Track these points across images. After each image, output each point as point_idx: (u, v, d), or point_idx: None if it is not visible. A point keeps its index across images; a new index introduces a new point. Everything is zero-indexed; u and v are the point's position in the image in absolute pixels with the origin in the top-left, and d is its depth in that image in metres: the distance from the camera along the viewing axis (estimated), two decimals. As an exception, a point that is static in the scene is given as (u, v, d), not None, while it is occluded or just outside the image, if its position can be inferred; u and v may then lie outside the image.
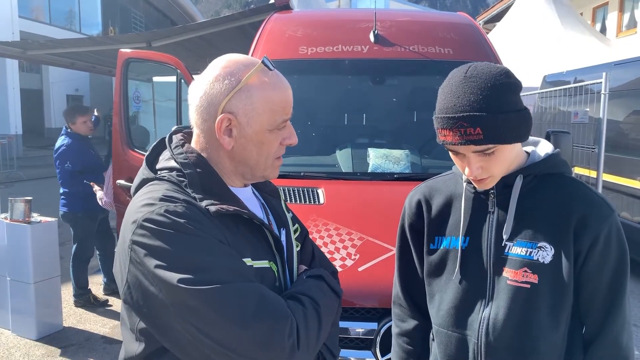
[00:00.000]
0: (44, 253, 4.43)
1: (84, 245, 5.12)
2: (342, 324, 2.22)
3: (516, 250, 1.32)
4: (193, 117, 1.18)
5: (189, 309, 0.98)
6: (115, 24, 25.32)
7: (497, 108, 1.22)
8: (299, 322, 1.07)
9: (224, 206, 1.10)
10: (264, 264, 1.16)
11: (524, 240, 1.32)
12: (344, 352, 2.22)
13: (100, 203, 4.75)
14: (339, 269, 2.29)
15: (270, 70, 1.16)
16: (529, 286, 1.29)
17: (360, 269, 2.31)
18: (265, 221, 1.23)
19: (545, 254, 1.29)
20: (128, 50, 4.30)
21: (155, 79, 4.75)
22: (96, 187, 4.80)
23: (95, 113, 5.65)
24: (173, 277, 0.98)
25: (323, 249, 2.40)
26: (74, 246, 5.13)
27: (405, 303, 1.62)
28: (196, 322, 0.98)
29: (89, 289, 5.24)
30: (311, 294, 1.17)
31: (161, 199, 1.07)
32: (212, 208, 1.09)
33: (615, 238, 1.30)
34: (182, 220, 1.03)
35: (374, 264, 2.33)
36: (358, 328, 2.23)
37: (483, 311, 1.35)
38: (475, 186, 1.39)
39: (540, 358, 1.30)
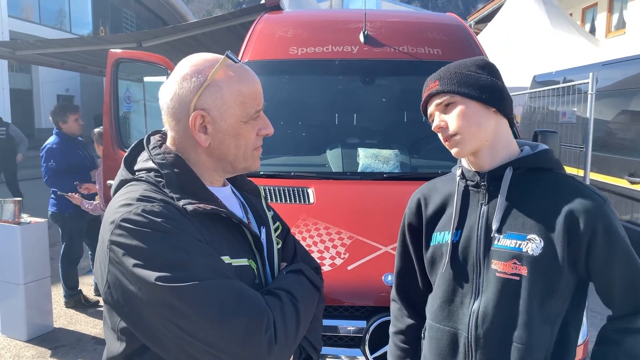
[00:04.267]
0: (33, 254, 4.41)
1: (72, 246, 5.10)
2: (332, 322, 2.24)
3: (505, 242, 1.33)
4: (166, 120, 1.20)
5: (168, 307, 1.00)
6: (106, 23, 25.17)
7: (461, 68, 1.38)
8: (275, 317, 1.08)
9: (202, 205, 1.11)
10: (242, 262, 1.18)
11: (513, 232, 1.32)
12: (333, 350, 2.24)
13: (86, 208, 4.70)
14: (329, 268, 2.32)
15: (236, 63, 1.18)
16: (517, 278, 1.30)
17: (349, 268, 2.33)
18: (245, 220, 1.24)
19: (535, 246, 1.29)
20: (118, 51, 4.28)
21: (146, 79, 4.74)
22: (75, 198, 4.74)
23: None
24: (151, 275, 1.00)
25: (313, 248, 2.42)
26: (62, 246, 5.11)
27: (400, 302, 1.65)
28: (175, 319, 1.00)
29: (80, 289, 5.22)
30: (289, 288, 1.19)
31: (138, 199, 1.08)
32: (190, 207, 1.10)
33: (613, 227, 1.31)
34: (159, 220, 1.05)
35: (363, 262, 2.35)
36: (347, 326, 2.24)
37: (473, 304, 1.35)
38: (450, 151, 1.42)
39: (529, 351, 1.31)
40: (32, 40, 9.94)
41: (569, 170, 6.29)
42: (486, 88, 1.35)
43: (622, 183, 5.90)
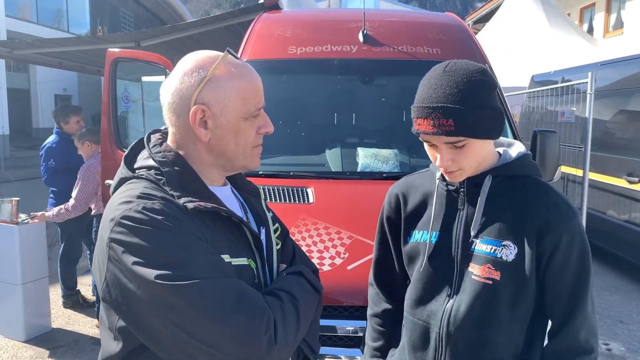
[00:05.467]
0: (31, 254, 4.40)
1: (71, 245, 5.08)
2: (331, 322, 2.24)
3: (482, 247, 1.37)
4: (167, 116, 1.19)
5: (167, 305, 0.99)
6: (103, 23, 25.07)
7: (471, 103, 1.29)
8: (276, 317, 1.08)
9: (202, 203, 1.11)
10: (242, 261, 1.17)
11: (489, 238, 1.37)
12: (333, 350, 2.23)
13: (52, 220, 4.56)
14: (328, 268, 2.32)
15: (237, 60, 1.18)
16: (491, 282, 1.34)
17: (349, 267, 2.33)
18: (244, 219, 1.24)
19: (509, 252, 1.34)
20: (116, 50, 4.27)
21: (144, 78, 4.73)
22: (37, 217, 4.48)
23: None
24: (151, 273, 0.99)
25: (312, 248, 2.41)
26: (61, 246, 5.10)
27: (377, 287, 1.71)
28: (174, 318, 0.99)
29: (78, 289, 5.21)
30: (289, 290, 1.19)
31: (139, 197, 1.07)
32: (190, 205, 1.09)
33: (577, 240, 1.34)
34: (159, 217, 1.04)
35: (362, 262, 2.35)
36: (347, 326, 2.24)
37: (447, 303, 1.40)
38: (446, 177, 1.44)
39: (497, 350, 1.36)
40: (29, 40, 9.91)
41: (568, 170, 6.29)
42: (495, 125, 1.34)
43: (621, 183, 5.91)
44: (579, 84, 5.57)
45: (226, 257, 1.12)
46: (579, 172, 5.58)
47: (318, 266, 2.20)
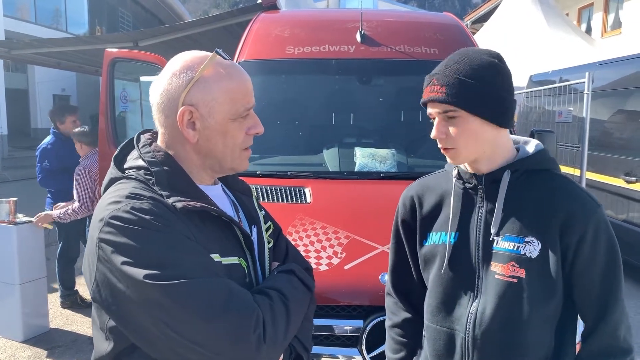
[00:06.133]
0: (29, 254, 4.40)
1: (69, 245, 5.08)
2: (329, 322, 2.24)
3: (504, 244, 1.33)
4: (156, 116, 1.19)
5: (156, 305, 0.99)
6: (102, 23, 25.04)
7: (467, 74, 1.29)
8: (265, 316, 1.08)
9: (191, 202, 1.11)
10: (232, 260, 1.17)
11: (511, 234, 1.33)
12: (330, 350, 2.24)
13: (59, 219, 4.55)
14: (326, 268, 2.32)
15: (226, 60, 1.18)
16: (516, 280, 1.30)
17: (346, 267, 2.33)
18: (235, 218, 1.23)
19: (533, 248, 1.30)
20: (114, 50, 4.27)
21: (143, 78, 4.73)
22: (41, 218, 4.48)
23: None
24: (139, 273, 0.99)
25: (309, 248, 2.42)
26: (59, 246, 5.10)
27: (396, 296, 1.65)
28: (163, 318, 1.00)
29: (76, 289, 5.20)
30: (280, 288, 1.18)
31: (127, 197, 1.08)
32: (179, 204, 1.09)
33: (603, 232, 1.31)
34: (148, 217, 1.04)
35: (360, 262, 2.36)
36: (344, 326, 2.24)
37: (471, 306, 1.35)
38: (448, 159, 1.40)
39: (527, 352, 1.32)
40: (28, 40, 9.89)
41: (566, 169, 6.30)
42: (492, 104, 1.31)
43: (619, 182, 5.92)
44: (577, 83, 5.58)
45: (216, 257, 1.12)
46: (576, 172, 5.60)
47: (315, 266, 2.22)
